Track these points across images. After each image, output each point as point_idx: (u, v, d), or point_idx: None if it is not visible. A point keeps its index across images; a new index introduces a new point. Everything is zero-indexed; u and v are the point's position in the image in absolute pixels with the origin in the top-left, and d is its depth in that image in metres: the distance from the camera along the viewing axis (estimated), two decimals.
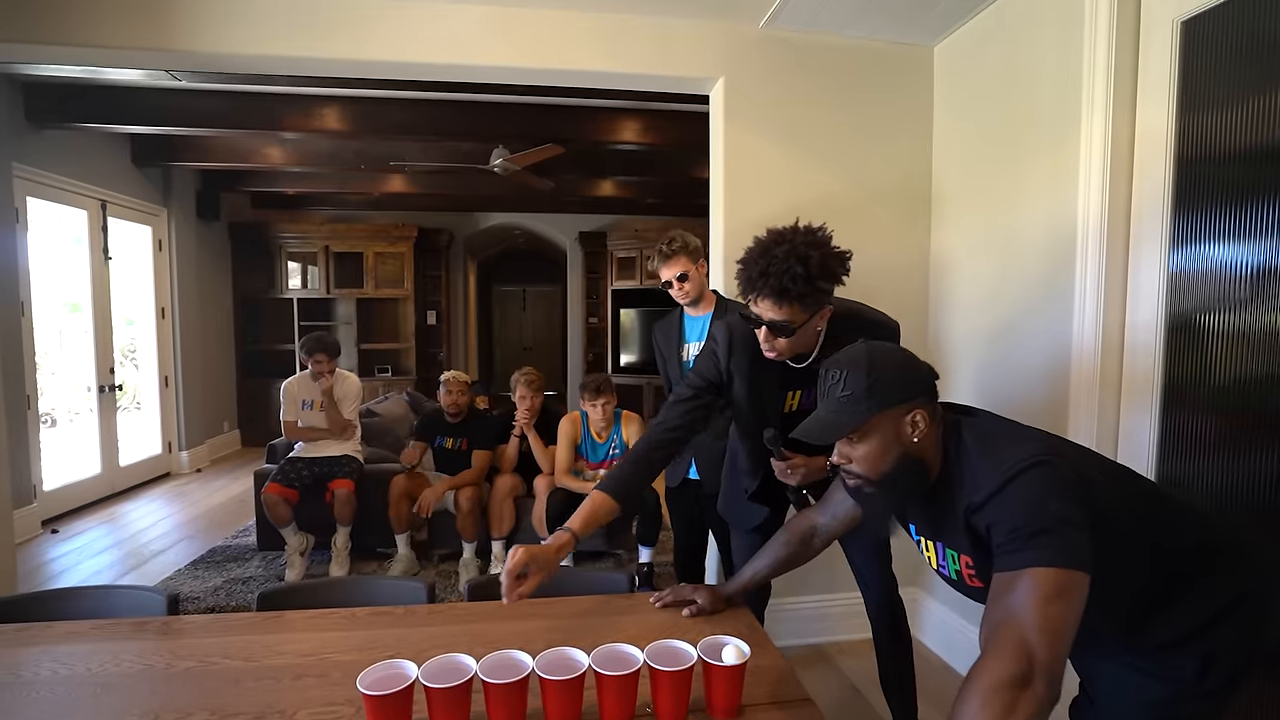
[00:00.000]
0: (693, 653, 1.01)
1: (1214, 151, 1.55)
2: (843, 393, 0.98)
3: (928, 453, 0.98)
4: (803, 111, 2.43)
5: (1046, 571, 0.79)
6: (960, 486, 0.94)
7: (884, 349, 1.01)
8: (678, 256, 2.11)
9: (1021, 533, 0.82)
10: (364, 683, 0.92)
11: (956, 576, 1.02)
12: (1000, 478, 0.87)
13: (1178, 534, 0.96)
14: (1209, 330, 1.57)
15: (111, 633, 1.26)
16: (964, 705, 0.75)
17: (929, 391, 0.99)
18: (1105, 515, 0.88)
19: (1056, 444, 0.95)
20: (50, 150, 4.11)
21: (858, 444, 0.98)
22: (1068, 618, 0.78)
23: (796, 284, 1.25)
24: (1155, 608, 0.95)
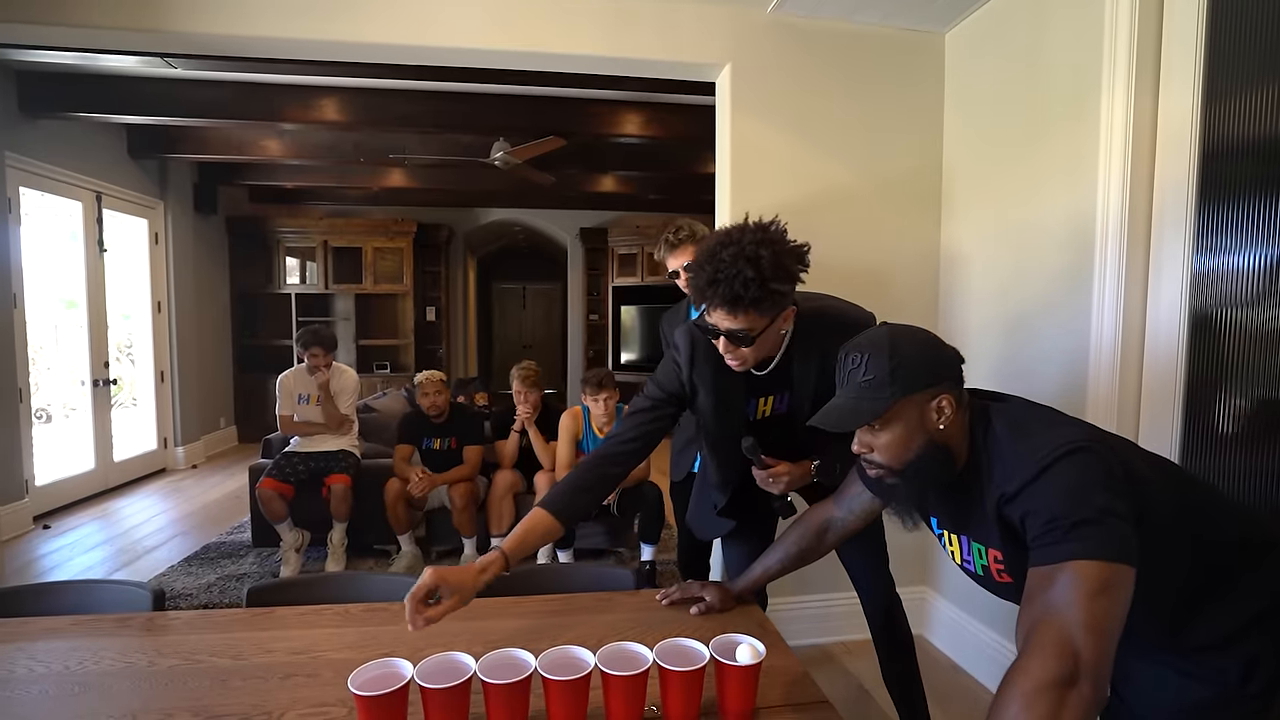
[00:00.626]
0: (705, 652, 0.96)
1: (1241, 138, 1.50)
2: (864, 377, 0.92)
3: (954, 440, 0.92)
4: (811, 100, 2.38)
5: (1090, 564, 0.73)
6: (990, 476, 0.88)
7: (907, 331, 0.96)
8: (685, 245, 2.05)
9: (1061, 523, 0.77)
10: (356, 683, 0.86)
11: (983, 572, 0.97)
12: (1036, 465, 0.82)
13: (1222, 528, 0.91)
14: (1234, 326, 1.52)
15: (92, 629, 1.20)
16: (1004, 709, 0.69)
17: (955, 376, 0.94)
18: (1149, 505, 0.83)
19: (1096, 431, 0.90)
20: (44, 140, 4.05)
21: (880, 432, 0.93)
22: (1114, 614, 0.73)
23: (749, 289, 1.12)
24: (1198, 604, 0.89)
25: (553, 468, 3.06)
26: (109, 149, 4.67)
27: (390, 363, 6.95)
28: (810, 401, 1.32)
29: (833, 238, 2.42)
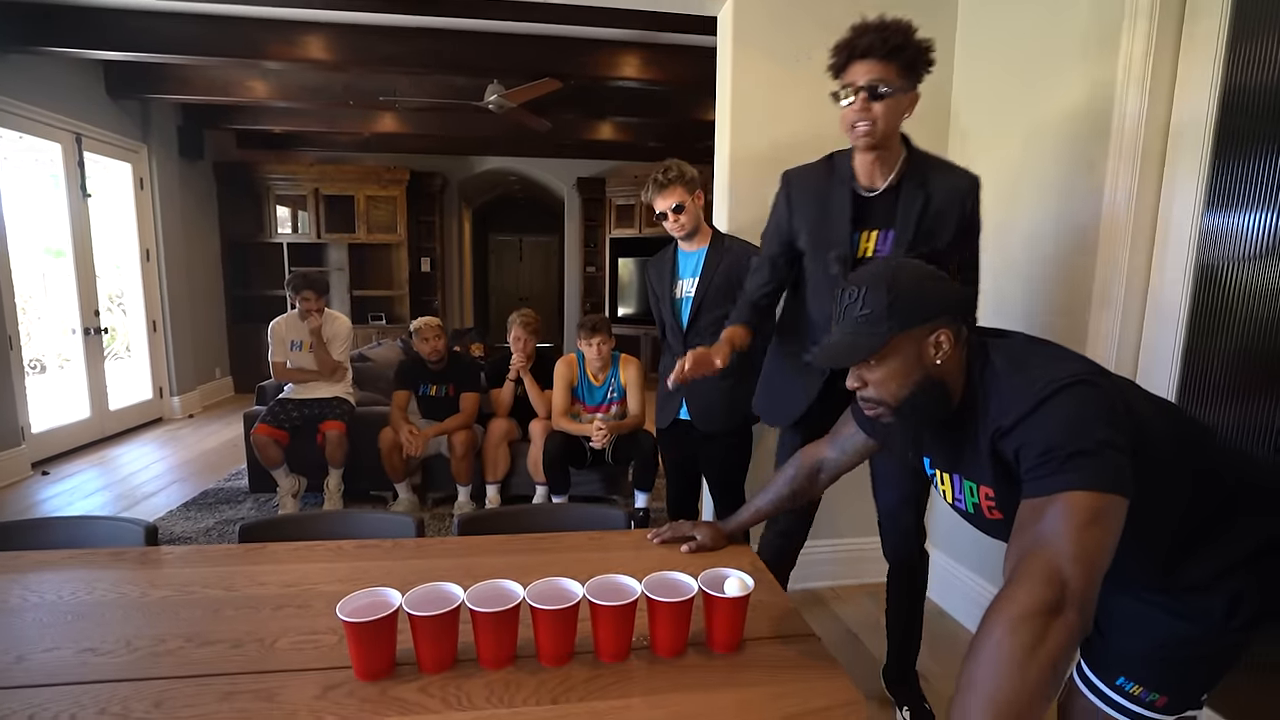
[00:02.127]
0: (693, 584, 0.97)
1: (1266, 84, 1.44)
2: (861, 311, 0.90)
3: (951, 376, 0.91)
4: (817, 35, 2.27)
5: (1082, 495, 0.73)
6: (985, 411, 0.87)
7: (907, 265, 0.93)
8: (673, 186, 2.00)
9: (1056, 455, 0.76)
10: (345, 610, 0.87)
11: (974, 510, 0.96)
12: (1035, 398, 0.80)
13: (1220, 470, 0.90)
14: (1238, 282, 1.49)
15: (86, 562, 1.21)
16: (988, 634, 0.69)
17: (955, 309, 0.91)
18: (1149, 442, 0.82)
19: (1099, 367, 0.88)
20: (18, 77, 3.90)
21: (876, 367, 0.91)
22: (1105, 544, 0.72)
23: (897, 36, 1.32)
24: (1193, 544, 0.89)
25: (548, 415, 3.07)
26: (87, 88, 4.51)
27: (385, 313, 6.90)
28: (908, 244, 1.41)
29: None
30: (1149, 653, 0.93)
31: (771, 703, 0.86)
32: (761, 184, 2.31)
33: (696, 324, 2.08)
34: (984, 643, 0.69)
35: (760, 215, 2.33)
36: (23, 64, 3.93)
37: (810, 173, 1.60)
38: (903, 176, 1.45)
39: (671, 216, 2.03)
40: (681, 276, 2.14)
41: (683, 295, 2.13)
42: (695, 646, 0.97)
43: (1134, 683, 0.94)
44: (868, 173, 1.48)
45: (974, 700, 0.67)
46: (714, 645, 0.97)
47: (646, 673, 0.91)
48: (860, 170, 1.48)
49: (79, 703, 0.82)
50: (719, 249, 2.08)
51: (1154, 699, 0.93)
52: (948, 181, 1.46)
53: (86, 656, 0.92)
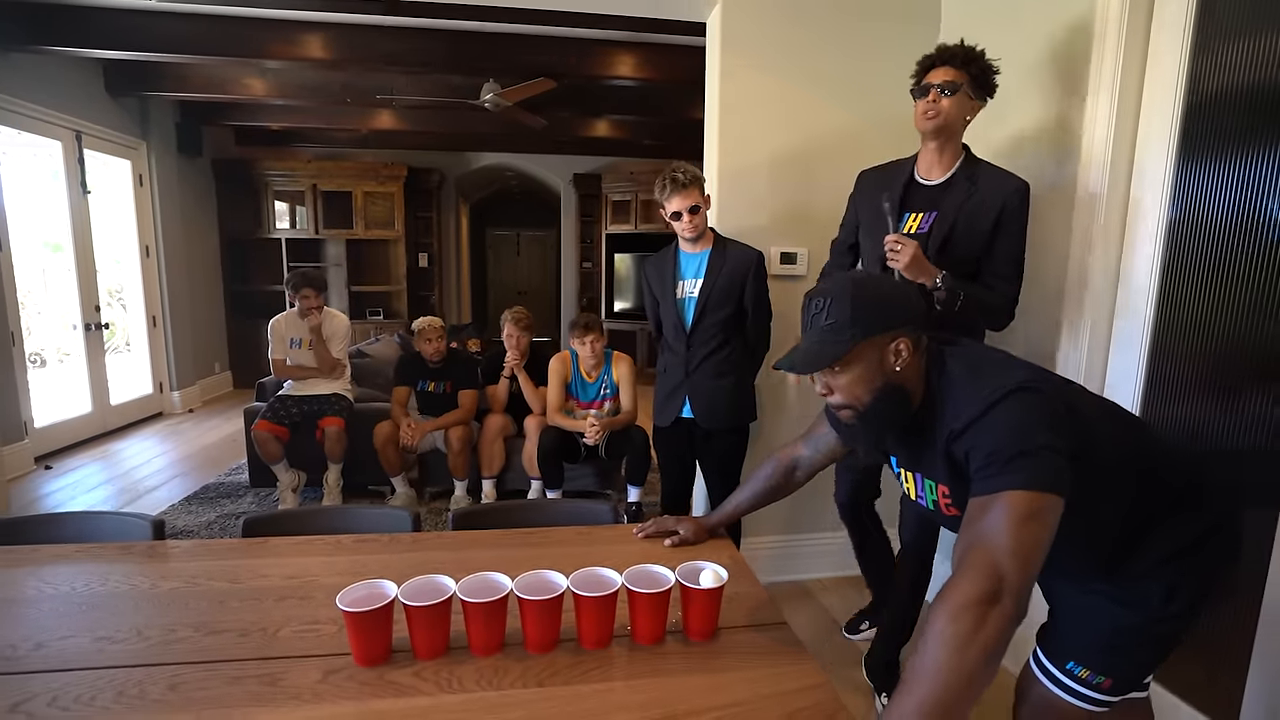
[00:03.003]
0: (670, 576, 1.03)
1: (1227, 92, 1.50)
2: (826, 321, 0.96)
3: (910, 381, 0.97)
4: (804, 40, 2.33)
5: (1022, 494, 0.79)
6: (942, 415, 0.93)
7: (869, 277, 1.00)
8: (691, 188, 2.03)
9: (999, 457, 0.82)
10: (344, 600, 0.93)
11: (934, 506, 1.03)
12: (984, 403, 0.86)
13: (1160, 468, 0.97)
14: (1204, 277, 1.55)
15: (97, 555, 1.27)
16: (933, 621, 0.76)
17: (914, 320, 0.97)
18: (1092, 445, 0.88)
19: (1045, 374, 0.94)
20: (18, 75, 3.93)
21: (840, 373, 0.97)
22: (1041, 540, 0.78)
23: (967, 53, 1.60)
24: (1134, 538, 0.96)
25: (543, 411, 3.13)
26: (86, 86, 4.54)
27: (383, 309, 6.95)
28: (951, 227, 1.64)
29: (827, 183, 2.41)
30: (1096, 639, 1.00)
31: (744, 686, 0.92)
32: (749, 190, 2.38)
33: (701, 324, 2.13)
34: (929, 629, 0.76)
35: (748, 220, 2.40)
36: (24, 63, 3.97)
37: (877, 170, 1.88)
38: (956, 172, 1.69)
39: (687, 217, 2.05)
40: (684, 277, 2.18)
41: (686, 295, 2.16)
42: (673, 635, 1.03)
43: (1082, 666, 1.00)
44: (928, 164, 1.73)
45: (918, 680, 0.73)
46: (691, 633, 1.03)
47: (627, 659, 0.98)
48: (922, 161, 1.75)
49: (97, 686, 0.88)
50: (721, 251, 2.13)
51: (1100, 681, 1.00)
52: (996, 180, 1.66)
53: (102, 644, 0.98)
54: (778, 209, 2.39)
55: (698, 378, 2.16)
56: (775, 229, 2.39)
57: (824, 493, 2.59)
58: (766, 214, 2.39)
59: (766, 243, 2.32)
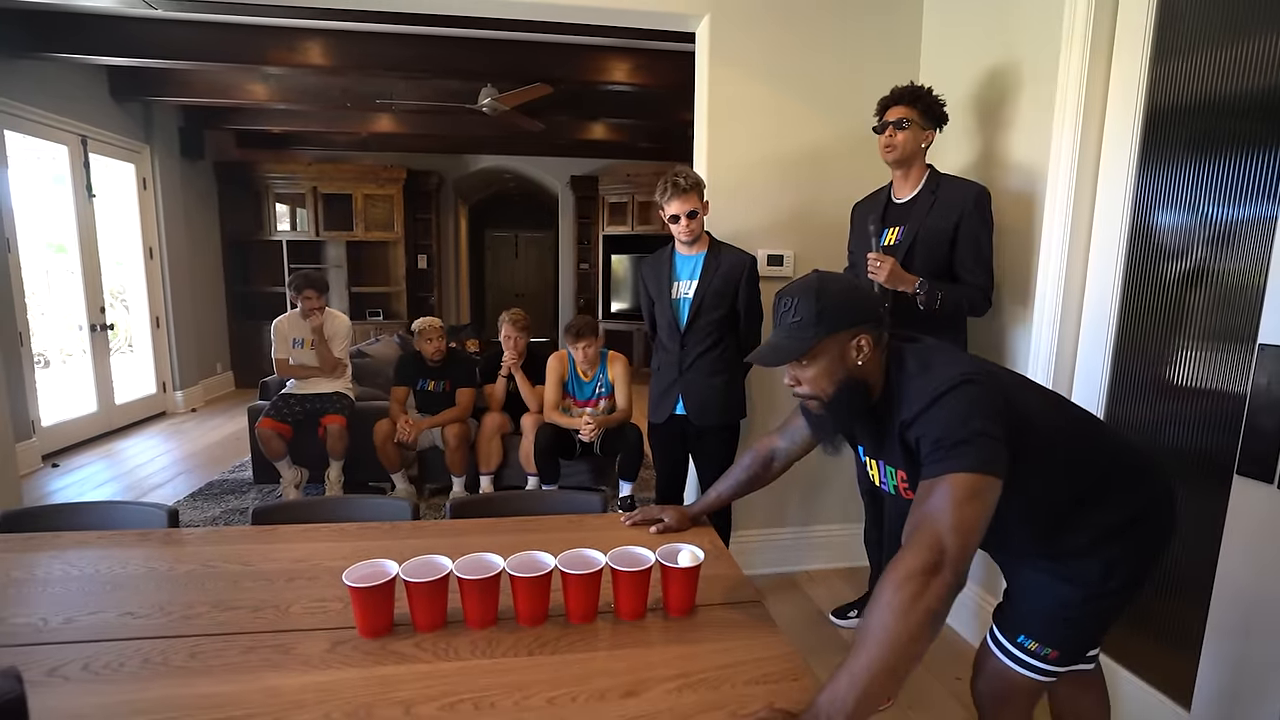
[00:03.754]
0: (650, 557, 1.11)
1: (1186, 100, 1.58)
2: (793, 319, 1.04)
3: (871, 375, 1.05)
4: (790, 52, 2.41)
5: (963, 477, 0.87)
6: (898, 406, 1.02)
7: (834, 278, 1.08)
8: (691, 193, 2.11)
9: (944, 443, 0.90)
10: (349, 577, 1.01)
11: (895, 491, 1.11)
12: (931, 395, 0.95)
13: (1096, 452, 1.05)
14: (1164, 280, 1.64)
15: (117, 541, 1.35)
16: (882, 591, 0.84)
17: (875, 318, 1.05)
18: (1028, 431, 0.96)
19: (987, 366, 1.02)
20: (25, 82, 4.02)
21: (807, 367, 1.05)
22: (979, 517, 0.87)
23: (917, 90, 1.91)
24: (1074, 516, 1.04)
25: (539, 409, 3.21)
26: (91, 91, 4.63)
27: (382, 309, 7.03)
28: (915, 236, 1.90)
29: (812, 191, 2.50)
30: (1043, 614, 1.08)
31: (717, 655, 1.01)
32: (737, 195, 2.46)
33: (695, 324, 2.21)
34: (878, 596, 0.84)
35: (737, 224, 2.48)
36: (31, 69, 4.05)
37: (865, 200, 2.17)
38: (922, 189, 1.95)
39: (685, 221, 2.14)
40: (679, 278, 2.26)
41: (680, 296, 2.24)
42: (654, 612, 1.12)
43: (1031, 639, 1.09)
44: (899, 185, 2.01)
45: (867, 642, 0.82)
46: (670, 610, 1.11)
47: (610, 632, 1.06)
48: (894, 185, 2.03)
49: (124, 654, 0.96)
50: (716, 255, 2.21)
51: (1047, 653, 1.09)
52: (955, 189, 1.92)
53: (126, 619, 1.06)
54: (765, 213, 2.48)
55: (691, 376, 2.24)
56: (762, 232, 2.47)
57: (815, 487, 2.69)
58: (754, 218, 2.47)
59: (754, 245, 2.40)
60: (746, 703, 0.89)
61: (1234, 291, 1.48)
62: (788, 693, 0.92)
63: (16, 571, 1.21)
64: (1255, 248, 1.43)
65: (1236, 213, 1.48)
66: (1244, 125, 1.46)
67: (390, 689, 0.90)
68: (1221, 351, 1.51)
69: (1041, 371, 1.90)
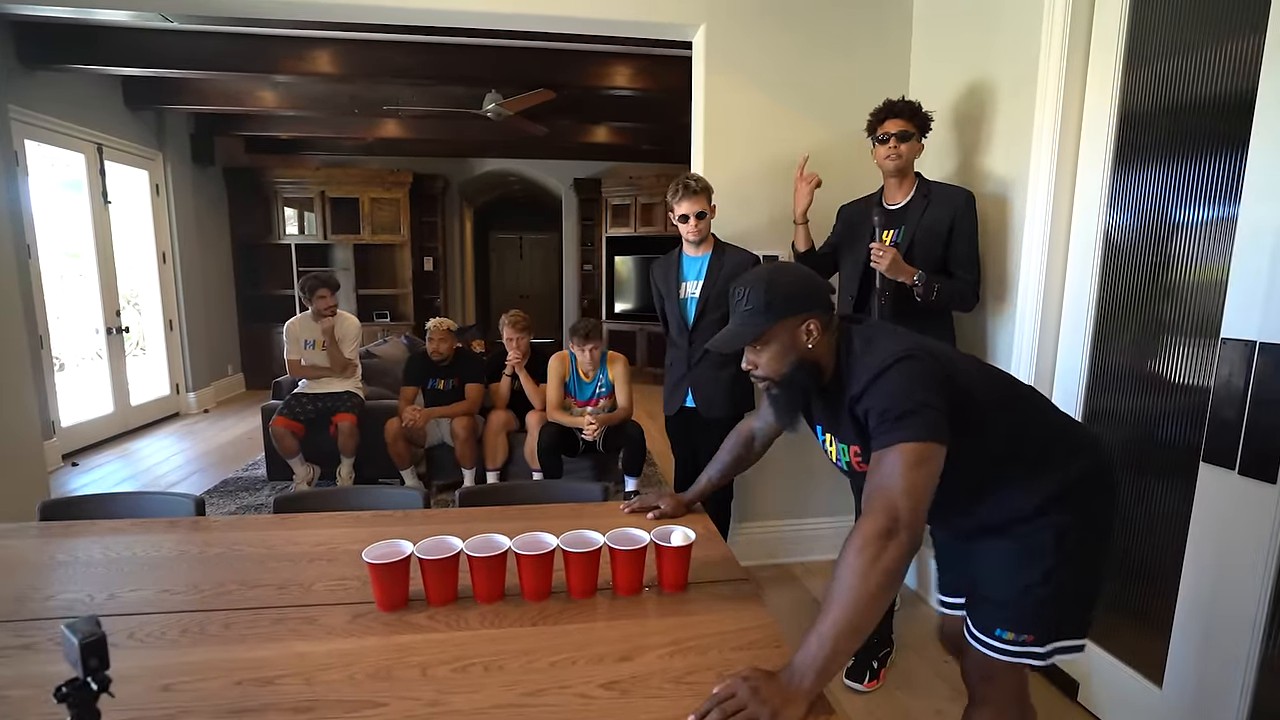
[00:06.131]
0: (645, 537, 1.20)
1: (1157, 106, 1.66)
2: (745, 307, 1.13)
3: (822, 357, 1.14)
4: (785, 60, 2.50)
5: (911, 445, 0.95)
6: (848, 383, 1.10)
7: (783, 268, 1.16)
8: (700, 195, 2.23)
9: (890, 415, 0.98)
10: (369, 555, 1.10)
11: (848, 467, 1.20)
12: (875, 370, 1.03)
13: (1036, 425, 1.15)
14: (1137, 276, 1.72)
15: (149, 528, 1.45)
16: (843, 557, 0.93)
17: (823, 304, 1.14)
18: (971, 403, 1.05)
19: (929, 344, 1.11)
20: (44, 92, 4.14)
21: (761, 351, 1.14)
22: (928, 482, 0.95)
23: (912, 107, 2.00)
24: (1016, 482, 1.13)
25: (543, 407, 3.30)
26: (107, 101, 4.75)
27: (390, 311, 7.14)
28: (913, 238, 2.00)
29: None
30: (1011, 603, 1.16)
31: (706, 625, 1.09)
32: (734, 198, 2.55)
33: (701, 322, 2.32)
34: (841, 560, 0.93)
35: (734, 226, 2.56)
36: (48, 80, 4.18)
37: (852, 203, 2.26)
38: (914, 195, 2.05)
39: (693, 221, 2.25)
40: (686, 279, 2.37)
41: (688, 296, 2.35)
42: (650, 588, 1.21)
43: (1007, 630, 1.16)
44: (892, 192, 2.10)
45: (832, 604, 0.90)
46: (664, 586, 1.20)
47: (608, 606, 1.15)
48: (886, 192, 2.13)
49: (165, 625, 1.06)
50: (720, 256, 2.32)
51: (1025, 638, 1.15)
52: (946, 194, 2.02)
53: (164, 595, 1.16)
54: (761, 215, 2.57)
55: (699, 371, 2.34)
56: (758, 234, 2.56)
57: (812, 479, 2.77)
58: (750, 220, 2.56)
59: (750, 246, 2.48)
60: (731, 665, 0.98)
61: (1201, 288, 1.56)
62: (769, 657, 1.00)
63: (61, 555, 1.31)
64: (1219, 246, 1.50)
65: (1202, 213, 1.55)
66: (1208, 127, 1.54)
67: (407, 654, 0.99)
68: (1191, 345, 1.59)
69: (1024, 365, 1.98)
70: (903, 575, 0.92)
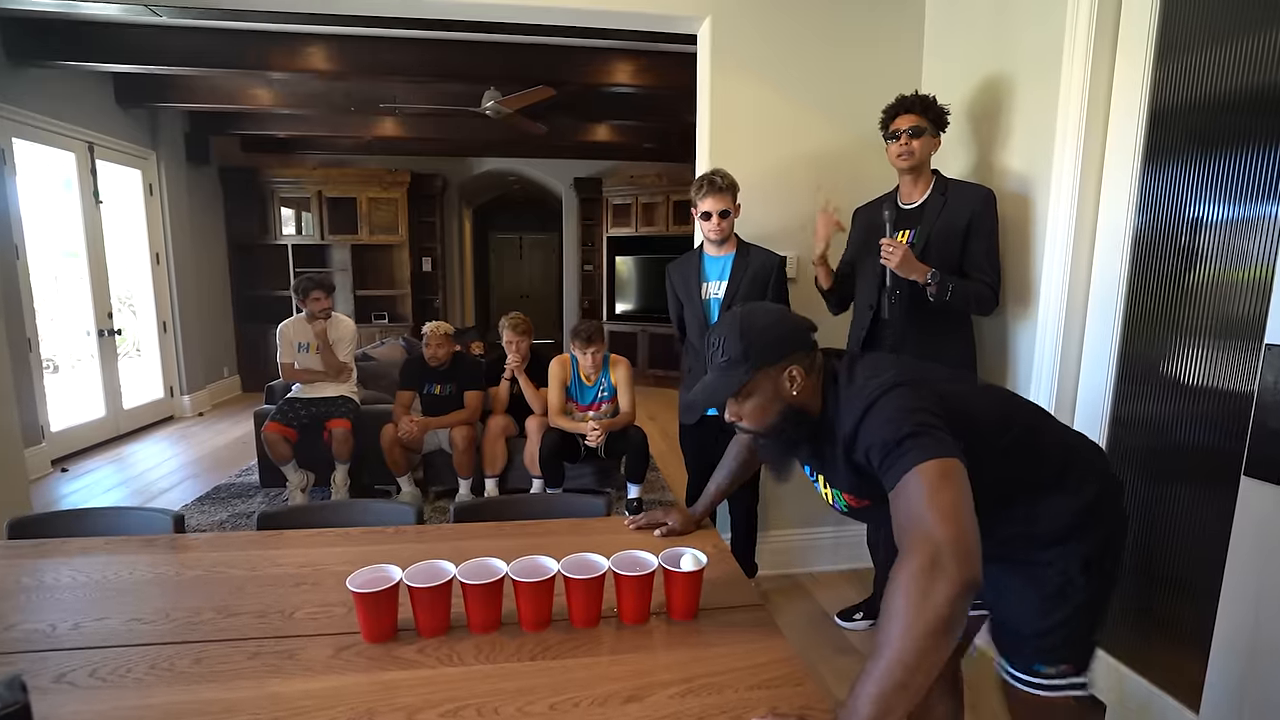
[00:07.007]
0: (654, 561, 1.11)
1: (1190, 100, 1.57)
2: (721, 358, 1.04)
3: (808, 403, 1.05)
4: (792, 53, 2.41)
5: (924, 466, 0.85)
6: (836, 424, 1.02)
7: (758, 311, 1.07)
8: (726, 193, 2.15)
9: (890, 446, 0.89)
10: (353, 583, 1.02)
11: (845, 508, 1.12)
12: (863, 406, 0.95)
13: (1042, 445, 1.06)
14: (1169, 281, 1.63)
15: (122, 548, 1.36)
16: (886, 603, 0.81)
17: (804, 345, 1.05)
18: (970, 424, 0.96)
19: (913, 368, 1.03)
20: (33, 90, 4.05)
21: (743, 402, 1.05)
22: (958, 498, 0.83)
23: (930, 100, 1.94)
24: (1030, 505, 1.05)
25: (544, 412, 3.21)
26: (98, 98, 4.66)
27: (388, 313, 7.05)
28: (928, 238, 1.93)
29: (814, 193, 2.48)
30: (1044, 636, 1.07)
31: (720, 659, 1.00)
32: (740, 197, 2.45)
33: None
34: (883, 611, 0.82)
35: (742, 230, 2.47)
36: (37, 77, 4.08)
37: (866, 205, 2.18)
38: (931, 194, 1.97)
39: (716, 219, 2.16)
40: (708, 279, 2.28)
41: (710, 297, 2.26)
42: (658, 615, 1.12)
43: (1045, 665, 1.08)
44: (907, 191, 2.03)
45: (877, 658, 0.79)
46: (673, 614, 1.11)
47: (613, 637, 1.06)
48: (901, 191, 2.05)
49: (131, 660, 0.97)
50: (745, 256, 2.23)
51: (1063, 669, 1.07)
52: (964, 193, 1.94)
53: (133, 625, 1.07)
54: (768, 215, 2.47)
55: None
56: (766, 234, 2.47)
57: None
58: (757, 220, 2.47)
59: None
60: (750, 706, 0.89)
61: (1241, 290, 1.47)
62: (790, 698, 0.91)
63: (26, 578, 1.22)
64: (1262, 246, 1.42)
65: (1242, 211, 1.46)
66: (1249, 122, 1.45)
67: (393, 694, 0.90)
68: (1228, 351, 1.50)
69: (1046, 369, 1.89)
70: (961, 618, 0.78)
